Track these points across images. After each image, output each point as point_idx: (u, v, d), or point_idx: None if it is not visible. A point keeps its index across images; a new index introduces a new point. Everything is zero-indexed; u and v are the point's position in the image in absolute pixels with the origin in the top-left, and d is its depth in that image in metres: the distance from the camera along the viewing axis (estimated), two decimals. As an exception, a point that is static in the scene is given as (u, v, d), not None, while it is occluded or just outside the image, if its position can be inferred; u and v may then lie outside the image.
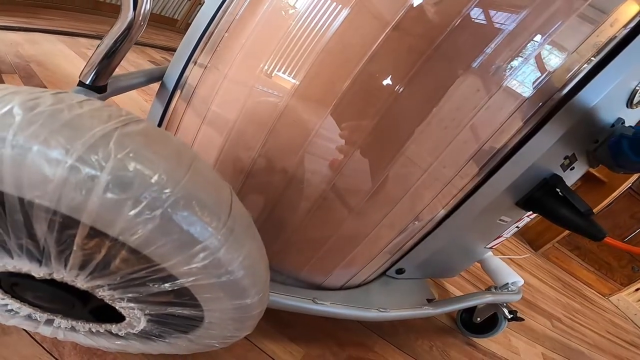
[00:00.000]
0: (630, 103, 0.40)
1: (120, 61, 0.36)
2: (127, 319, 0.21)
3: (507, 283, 0.64)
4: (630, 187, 1.83)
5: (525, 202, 0.46)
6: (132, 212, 0.12)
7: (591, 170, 1.73)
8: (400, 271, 0.48)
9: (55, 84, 0.81)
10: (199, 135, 0.37)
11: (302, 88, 0.30)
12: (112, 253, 0.15)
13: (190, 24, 0.44)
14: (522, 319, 0.62)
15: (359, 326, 0.53)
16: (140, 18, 0.31)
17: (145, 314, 0.20)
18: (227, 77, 0.35)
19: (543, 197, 0.45)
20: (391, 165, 0.32)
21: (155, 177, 0.12)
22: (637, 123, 0.46)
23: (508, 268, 0.69)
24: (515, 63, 0.31)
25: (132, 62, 1.33)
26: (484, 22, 0.28)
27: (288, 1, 0.31)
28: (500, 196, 0.43)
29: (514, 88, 0.33)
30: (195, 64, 0.39)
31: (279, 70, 0.31)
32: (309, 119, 0.30)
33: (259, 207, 0.34)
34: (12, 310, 0.22)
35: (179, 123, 0.39)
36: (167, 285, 0.16)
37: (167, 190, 0.12)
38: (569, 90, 0.35)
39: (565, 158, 0.44)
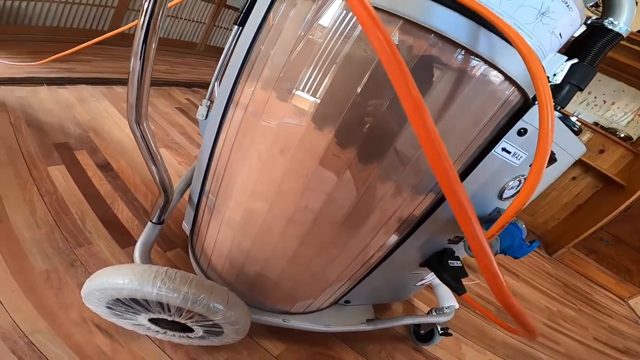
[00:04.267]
0: (500, 196, 0.65)
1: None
2: (195, 331, 0.60)
3: (443, 307, 0.97)
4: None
5: (425, 264, 0.78)
6: (200, 307, 0.50)
7: (609, 174, 1.98)
8: (347, 302, 0.84)
9: (113, 156, 1.24)
10: (220, 232, 0.74)
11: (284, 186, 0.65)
12: (193, 315, 0.53)
13: (209, 45, 0.75)
14: (450, 334, 0.95)
15: (329, 334, 0.89)
16: (169, 193, 0.66)
17: (202, 329, 0.59)
18: (228, 203, 0.69)
19: (434, 263, 0.76)
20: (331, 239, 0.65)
21: (204, 298, 0.50)
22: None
23: (449, 293, 1.02)
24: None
25: (162, 113, 1.76)
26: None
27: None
28: (409, 259, 0.75)
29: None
30: (214, 178, 0.75)
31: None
32: (280, 226, 0.65)
33: (252, 275, 0.71)
34: (149, 328, 0.61)
35: (209, 220, 0.76)
36: (209, 322, 0.54)
37: (207, 301, 0.50)
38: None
39: (448, 240, 0.73)
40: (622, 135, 2.47)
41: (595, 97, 2.71)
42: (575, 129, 0.72)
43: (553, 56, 0.55)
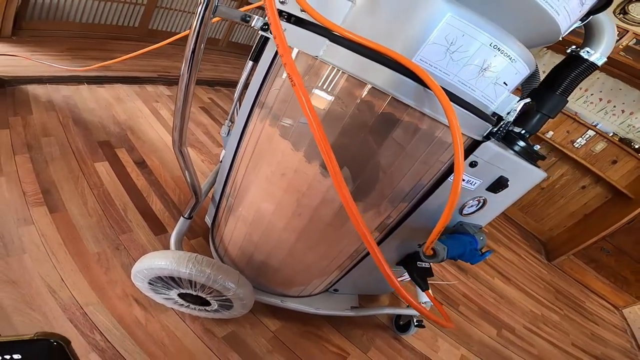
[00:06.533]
0: (461, 212, 0.83)
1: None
2: (211, 304, 0.81)
3: (420, 302, 1.14)
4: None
5: (400, 263, 0.96)
6: (218, 285, 0.70)
7: (619, 186, 2.11)
8: (335, 290, 1.04)
9: (147, 154, 1.46)
10: (237, 226, 0.94)
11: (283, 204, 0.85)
12: (212, 291, 0.74)
13: (230, 41, 0.95)
14: (424, 326, 1.12)
15: (319, 316, 1.09)
16: (199, 196, 0.87)
17: (217, 303, 0.80)
18: (243, 205, 0.90)
19: (407, 262, 0.95)
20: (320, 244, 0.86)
21: (222, 278, 0.71)
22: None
23: (427, 291, 1.19)
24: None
25: (186, 113, 1.98)
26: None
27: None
28: (387, 257, 0.93)
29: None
30: (232, 184, 0.95)
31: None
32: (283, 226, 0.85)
33: (258, 262, 0.91)
34: (176, 301, 0.83)
35: (227, 217, 0.96)
36: (224, 297, 0.75)
37: (224, 280, 0.70)
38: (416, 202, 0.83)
39: (418, 245, 0.91)
40: (637, 146, 2.53)
41: (615, 106, 2.74)
42: (536, 156, 0.86)
43: (507, 97, 0.68)
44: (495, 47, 0.56)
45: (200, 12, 0.52)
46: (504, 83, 0.64)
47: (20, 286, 0.81)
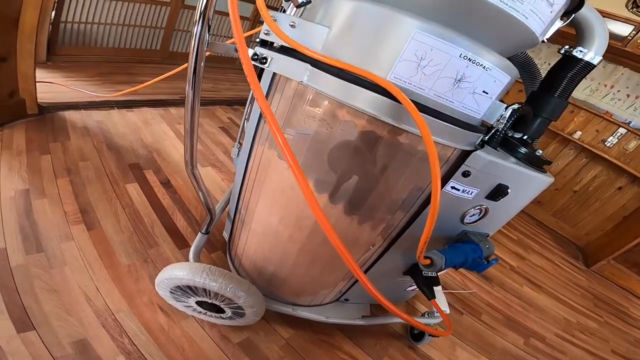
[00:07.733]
0: (462, 220, 0.86)
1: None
2: (226, 312, 0.89)
3: (434, 311, 1.16)
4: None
5: (406, 272, 1.00)
6: (229, 293, 0.78)
7: None
8: (346, 299, 1.09)
9: (172, 175, 1.59)
10: (248, 239, 1.02)
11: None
12: (225, 299, 0.82)
13: None
14: (437, 336, 1.14)
15: (332, 325, 1.14)
16: (213, 213, 0.96)
17: (230, 311, 0.88)
18: (253, 220, 0.97)
19: (413, 272, 0.98)
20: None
21: (233, 287, 0.79)
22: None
23: (442, 300, 1.20)
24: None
25: (207, 132, 2.12)
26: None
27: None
28: (391, 268, 0.98)
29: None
30: (243, 201, 1.04)
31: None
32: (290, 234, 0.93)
33: (268, 274, 0.99)
34: (195, 309, 0.92)
35: (240, 231, 1.05)
36: (236, 304, 0.83)
37: (234, 289, 0.78)
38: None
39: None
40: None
41: (643, 101, 2.62)
42: (540, 161, 0.86)
43: (493, 104, 0.68)
44: (465, 57, 0.57)
45: (194, 48, 0.59)
46: (484, 92, 0.64)
47: (61, 294, 0.94)
